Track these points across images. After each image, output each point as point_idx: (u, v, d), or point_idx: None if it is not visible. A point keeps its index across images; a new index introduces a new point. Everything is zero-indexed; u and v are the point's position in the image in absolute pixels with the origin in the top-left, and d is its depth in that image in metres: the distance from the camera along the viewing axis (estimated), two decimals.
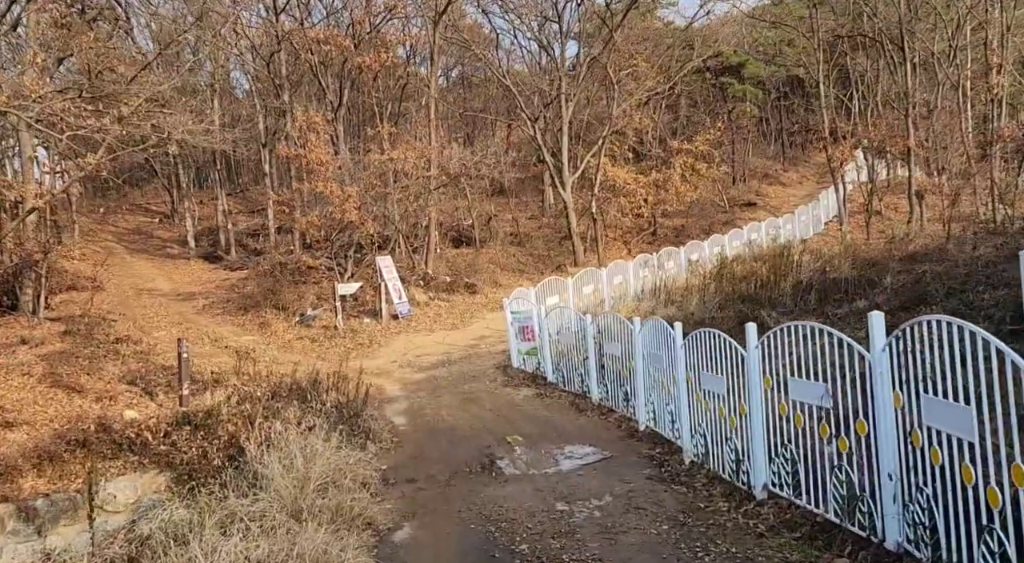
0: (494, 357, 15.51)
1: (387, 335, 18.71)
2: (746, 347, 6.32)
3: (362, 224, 19.92)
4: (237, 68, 42.46)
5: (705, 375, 7.18)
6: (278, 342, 18.60)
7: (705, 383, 7.20)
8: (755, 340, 6.24)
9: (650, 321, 8.83)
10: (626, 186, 28.05)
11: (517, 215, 34.71)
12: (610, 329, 10.38)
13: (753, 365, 6.21)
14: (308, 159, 19.41)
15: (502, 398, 11.99)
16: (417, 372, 14.75)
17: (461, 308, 21.46)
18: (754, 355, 6.21)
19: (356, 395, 11.03)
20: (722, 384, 6.80)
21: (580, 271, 18.39)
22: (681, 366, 7.77)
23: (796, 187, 47.07)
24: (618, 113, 27.94)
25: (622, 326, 9.90)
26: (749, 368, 6.25)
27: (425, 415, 11.23)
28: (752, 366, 6.21)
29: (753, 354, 6.22)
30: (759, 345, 6.18)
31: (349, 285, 19.84)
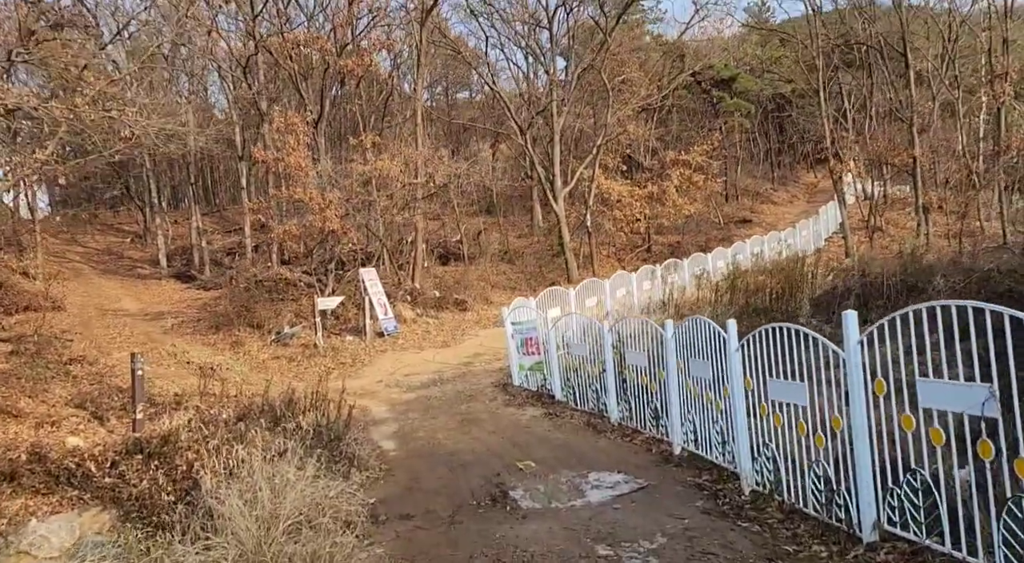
0: (491, 375, 14.02)
1: (372, 353, 17.16)
2: (844, 345, 4.92)
3: (344, 234, 18.47)
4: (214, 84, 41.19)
5: (775, 384, 5.77)
6: (251, 362, 16.99)
7: (775, 393, 5.80)
8: (856, 335, 4.85)
9: (689, 321, 7.43)
10: (621, 199, 26.86)
11: (506, 232, 33.38)
12: (634, 336, 8.98)
13: (855, 367, 4.82)
14: (286, 163, 17.99)
15: (506, 419, 10.50)
16: (406, 392, 13.22)
17: (451, 325, 19.97)
18: (855, 354, 4.82)
19: (337, 416, 9.49)
20: (801, 393, 5.40)
21: (582, 282, 17.03)
22: (737, 375, 6.37)
23: (788, 206, 46.37)
24: (613, 121, 26.83)
25: (649, 332, 8.50)
26: (850, 371, 4.85)
27: (418, 438, 9.71)
28: (854, 368, 4.82)
29: (854, 353, 4.83)
30: (862, 342, 4.80)
31: (330, 300, 18.31)
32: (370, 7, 25.45)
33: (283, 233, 18.29)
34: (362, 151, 21.93)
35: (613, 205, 27.41)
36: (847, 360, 4.81)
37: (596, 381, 9.95)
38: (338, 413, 9.46)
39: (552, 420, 10.17)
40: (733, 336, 6.44)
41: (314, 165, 19.15)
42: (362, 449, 8.63)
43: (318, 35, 24.81)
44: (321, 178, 19.94)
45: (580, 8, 28.97)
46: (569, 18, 28.46)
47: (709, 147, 28.37)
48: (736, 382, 6.38)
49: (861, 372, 4.73)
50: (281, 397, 10.70)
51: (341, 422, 9.47)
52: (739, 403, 6.33)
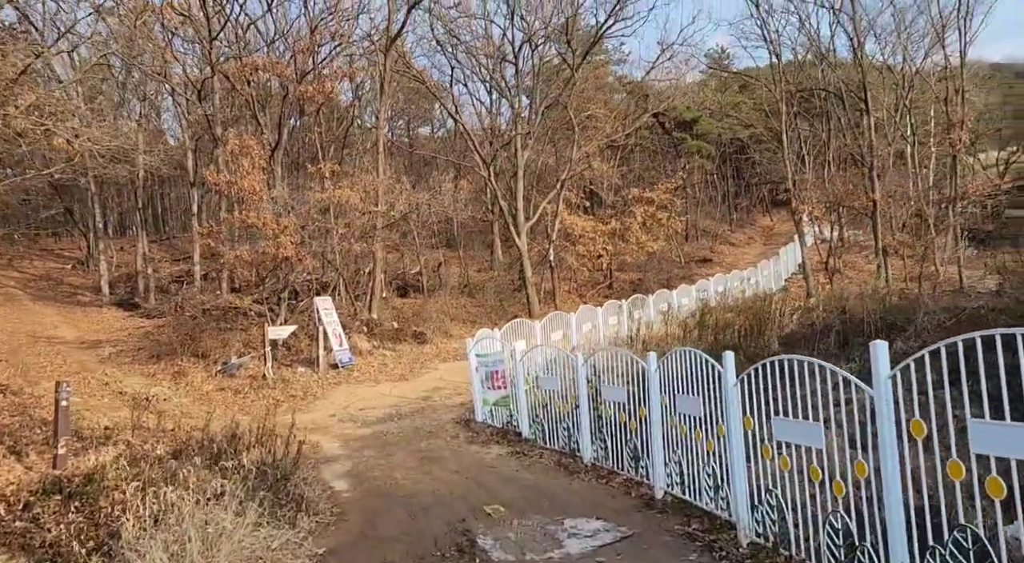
0: (451, 410, 13.24)
1: (325, 386, 16.19)
2: (874, 378, 4.36)
3: (299, 261, 17.60)
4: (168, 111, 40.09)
5: (782, 423, 5.19)
6: (194, 393, 15.87)
7: (781, 434, 5.22)
8: (887, 369, 4.30)
9: (676, 353, 6.86)
10: (584, 234, 26.54)
11: (467, 266, 32.74)
12: (611, 369, 8.37)
13: (885, 405, 4.27)
14: (239, 186, 17.12)
15: (469, 457, 9.73)
16: (361, 427, 12.33)
17: (409, 358, 19.11)
18: (886, 391, 4.26)
19: (285, 453, 8.61)
20: (815, 435, 4.83)
21: (548, 315, 16.44)
22: (735, 412, 5.80)
23: (746, 247, 46.91)
24: (578, 156, 26.64)
25: (630, 364, 7.90)
26: (880, 410, 4.29)
27: (374, 478, 8.86)
28: (884, 406, 4.27)
29: (885, 390, 4.27)
30: (894, 377, 4.26)
31: (281, 329, 17.33)
32: (332, 34, 24.95)
33: (234, 259, 17.33)
34: (320, 179, 21.17)
35: (576, 240, 27.07)
36: (876, 397, 4.26)
37: (568, 417, 9.29)
38: (286, 450, 8.59)
39: (519, 459, 9.45)
40: (731, 370, 5.88)
41: (269, 190, 18.31)
42: (312, 490, 7.76)
43: (277, 61, 24.14)
44: (276, 204, 19.10)
45: (546, 45, 29.01)
46: (534, 55, 28.44)
47: (673, 185, 28.36)
48: (733, 420, 5.79)
49: (892, 411, 4.18)
50: (223, 432, 9.80)
51: (289, 460, 8.60)
52: (736, 444, 5.74)
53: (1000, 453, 3.55)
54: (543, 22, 26.71)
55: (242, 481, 6.69)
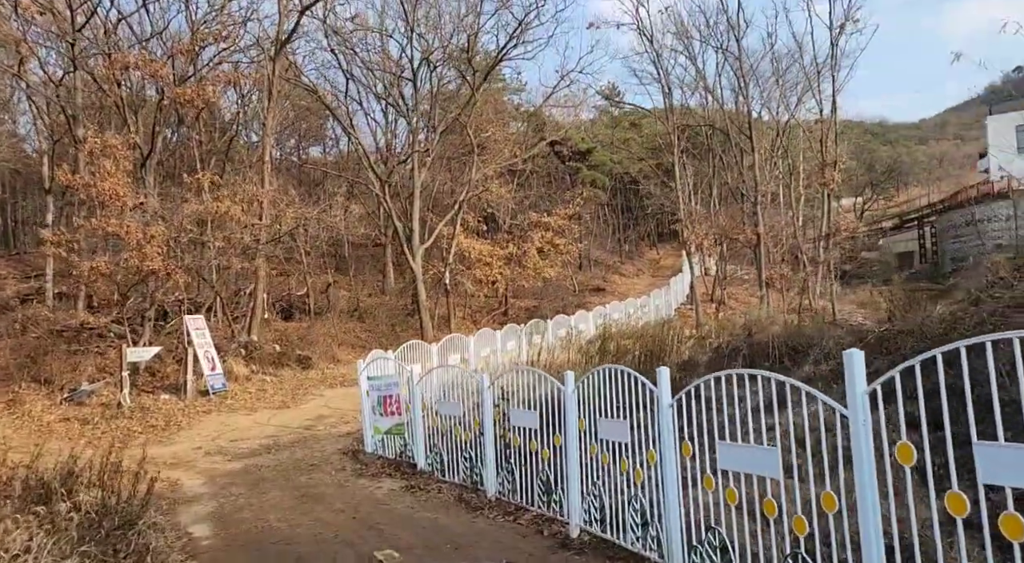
0: (337, 441, 11.97)
1: (192, 415, 14.42)
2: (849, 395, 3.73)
3: (168, 276, 15.81)
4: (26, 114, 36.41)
5: (730, 450, 4.51)
6: (32, 425, 13.72)
7: (728, 462, 4.53)
8: (863, 384, 3.68)
9: (600, 371, 6.12)
10: (481, 258, 25.85)
11: (358, 289, 31.22)
12: (522, 390, 7.54)
13: (861, 426, 3.64)
14: (99, 190, 15.20)
15: (358, 493, 8.57)
16: (231, 460, 10.84)
17: (292, 384, 17.54)
18: (862, 409, 3.64)
19: (132, 494, 7.17)
20: (770, 462, 4.17)
21: (446, 337, 15.48)
22: (668, 436, 5.09)
23: (635, 278, 47.91)
24: (477, 177, 26.00)
25: (543, 385, 7.12)
26: (856, 431, 3.64)
27: (243, 521, 7.55)
28: (861, 427, 3.63)
29: (861, 408, 3.64)
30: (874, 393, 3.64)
31: (143, 350, 15.43)
32: (216, 37, 23.25)
33: (89, 271, 15.29)
34: (198, 191, 19.34)
35: (473, 264, 26.33)
36: (851, 417, 3.63)
37: (471, 447, 8.35)
38: (133, 489, 7.15)
39: (415, 494, 8.39)
40: (665, 388, 5.18)
41: (136, 193, 16.43)
42: (161, 538, 6.41)
43: (153, 60, 22.13)
44: (145, 213, 17.22)
45: (445, 65, 28.39)
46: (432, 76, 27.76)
47: (570, 211, 28.26)
48: (667, 447, 5.08)
49: (869, 432, 3.55)
50: (58, 469, 8.17)
51: (137, 502, 7.16)
52: (670, 473, 5.03)
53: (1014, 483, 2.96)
54: (443, 41, 26.14)
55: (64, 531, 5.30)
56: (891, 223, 54.65)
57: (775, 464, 4.08)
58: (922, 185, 65.26)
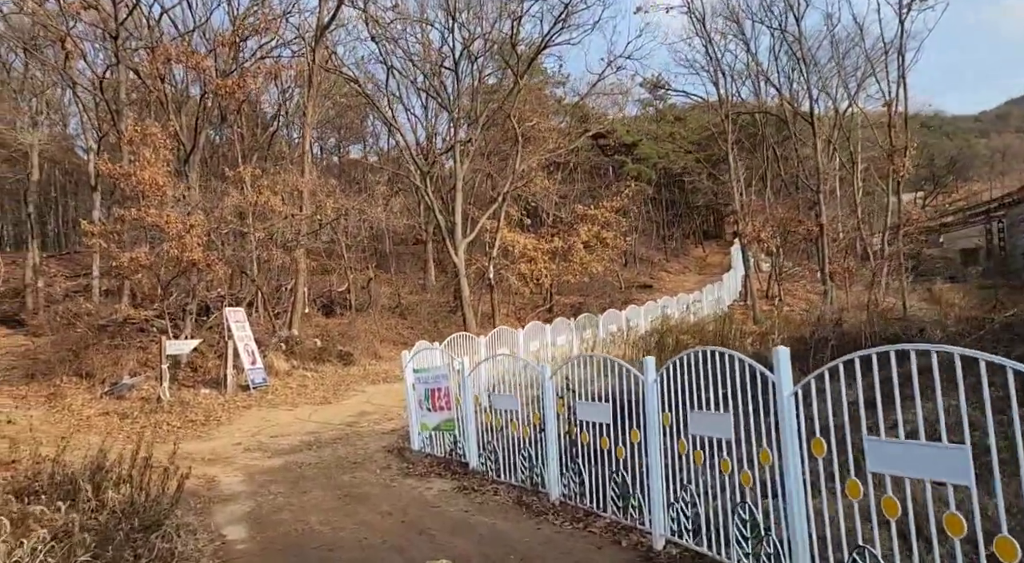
0: (382, 438, 11.26)
1: (232, 410, 13.89)
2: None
3: (208, 267, 15.36)
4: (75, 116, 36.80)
5: (880, 448, 3.58)
6: (73, 418, 13.32)
7: (878, 461, 3.59)
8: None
9: (691, 354, 5.23)
10: (526, 252, 25.03)
11: (399, 286, 30.68)
12: (590, 381, 6.69)
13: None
14: (139, 179, 14.81)
15: (405, 494, 7.81)
16: (271, 457, 10.20)
17: (333, 380, 16.95)
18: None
19: (161, 491, 6.53)
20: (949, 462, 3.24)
21: (494, 330, 14.70)
22: (790, 432, 4.19)
23: (681, 275, 46.56)
24: (521, 168, 25.15)
25: (615, 374, 6.26)
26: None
27: (282, 523, 6.84)
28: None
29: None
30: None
31: (183, 343, 14.99)
32: (257, 29, 22.87)
33: (130, 261, 14.91)
34: (239, 184, 18.94)
35: (517, 259, 25.51)
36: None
37: (530, 444, 7.53)
38: (162, 487, 6.51)
39: (468, 496, 7.60)
40: (785, 374, 4.27)
41: (176, 187, 16.02)
42: (191, 542, 5.74)
43: (194, 52, 21.87)
44: (188, 205, 16.83)
45: (488, 56, 27.66)
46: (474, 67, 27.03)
47: (617, 204, 27.24)
48: (789, 444, 4.17)
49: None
50: (88, 464, 7.59)
51: (167, 500, 6.52)
52: (793, 478, 4.12)
53: None
54: (485, 29, 25.38)
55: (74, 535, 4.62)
56: (953, 218, 52.22)
57: (963, 466, 3.14)
58: (984, 179, 62.42)
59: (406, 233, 40.62)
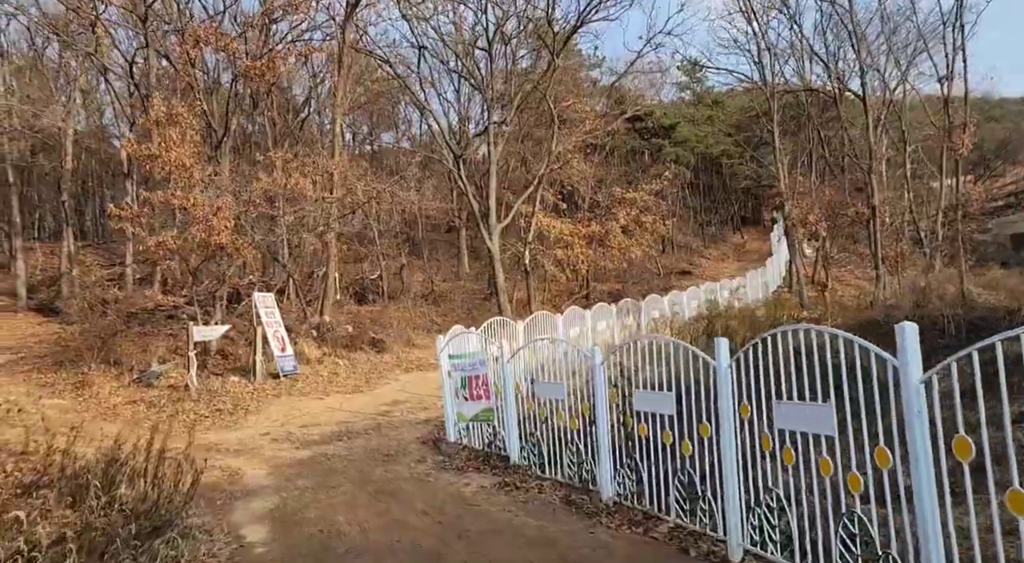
0: (415, 428, 10.63)
1: (260, 399, 13.40)
2: None
3: (237, 251, 14.86)
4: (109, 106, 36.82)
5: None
6: (99, 407, 12.95)
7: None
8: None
9: (777, 334, 4.44)
10: (562, 237, 24.21)
11: (432, 273, 30.13)
12: (648, 367, 5.92)
13: None
14: (165, 160, 14.37)
15: (441, 491, 7.15)
16: (300, 448, 9.63)
17: (366, 368, 16.41)
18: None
19: (175, 486, 5.95)
20: None
21: (532, 315, 13.97)
22: (920, 427, 3.39)
23: (721, 262, 45.28)
24: (557, 150, 24.27)
25: (682, 358, 5.48)
26: None
27: (307, 522, 6.22)
28: None
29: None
30: None
31: (211, 329, 14.55)
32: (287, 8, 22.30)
33: (157, 245, 14.50)
34: (269, 168, 18.43)
35: (553, 244, 24.70)
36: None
37: (579, 437, 6.80)
38: (175, 482, 5.92)
39: (510, 494, 6.91)
40: (913, 356, 3.46)
41: (203, 168, 15.53)
42: (204, 545, 5.14)
43: (223, 33, 21.39)
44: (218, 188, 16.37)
45: (521, 36, 26.78)
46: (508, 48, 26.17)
47: (656, 187, 26.23)
48: (919, 442, 3.37)
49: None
50: (103, 456, 7.07)
51: (181, 495, 5.94)
52: (924, 482, 3.32)
53: None
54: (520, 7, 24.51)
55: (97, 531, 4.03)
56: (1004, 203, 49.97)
57: None
58: None
59: (439, 219, 40.08)
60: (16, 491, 6.48)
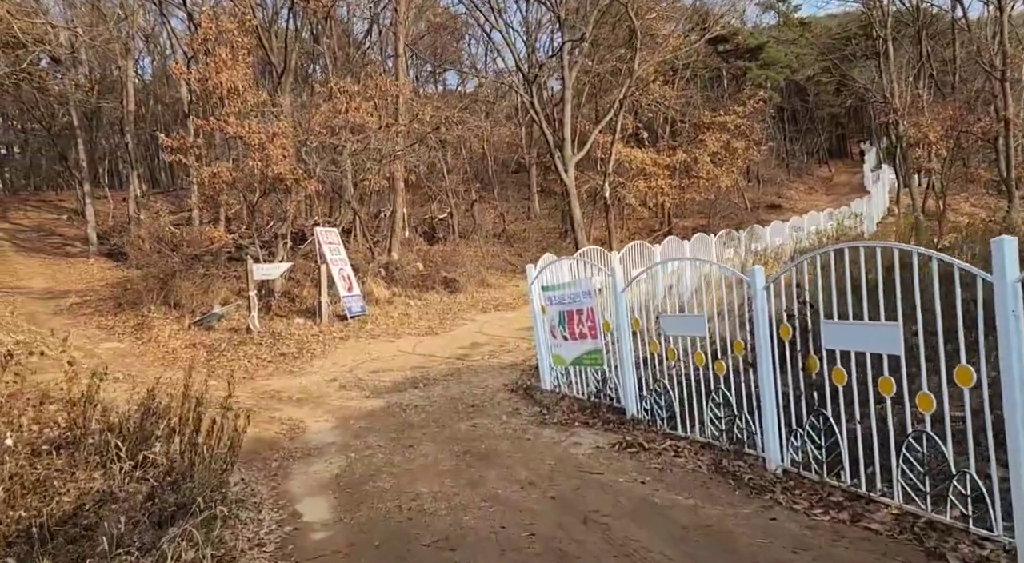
0: (501, 374, 9.18)
1: (327, 342, 12.22)
2: None
3: (296, 183, 13.55)
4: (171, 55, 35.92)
5: None
6: (157, 351, 12.03)
7: None
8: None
9: None
10: (644, 167, 22.11)
11: (503, 211, 28.53)
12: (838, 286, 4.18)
13: None
14: (216, 81, 13.06)
15: (546, 452, 5.65)
16: (370, 397, 8.33)
17: (439, 308, 15.09)
18: None
19: (215, 443, 4.64)
20: None
21: (629, 244, 12.23)
22: None
23: (810, 196, 42.15)
24: (641, 71, 21.91)
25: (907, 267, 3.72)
26: None
27: (380, 495, 4.82)
28: None
29: None
30: None
31: (272, 266, 13.41)
32: None
33: (211, 178, 13.35)
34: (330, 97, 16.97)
35: (635, 175, 22.62)
36: None
37: (727, 386, 5.15)
38: (215, 438, 4.61)
39: (636, 457, 5.34)
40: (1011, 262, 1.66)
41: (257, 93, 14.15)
42: (243, 529, 3.77)
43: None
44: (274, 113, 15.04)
45: None
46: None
47: (749, 109, 23.62)
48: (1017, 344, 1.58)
49: None
50: (139, 407, 5.88)
51: (221, 459, 4.64)
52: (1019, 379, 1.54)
53: None
54: None
55: None
56: None
57: None
58: None
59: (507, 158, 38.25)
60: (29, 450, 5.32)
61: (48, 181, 43.56)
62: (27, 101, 31.00)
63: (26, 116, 35.73)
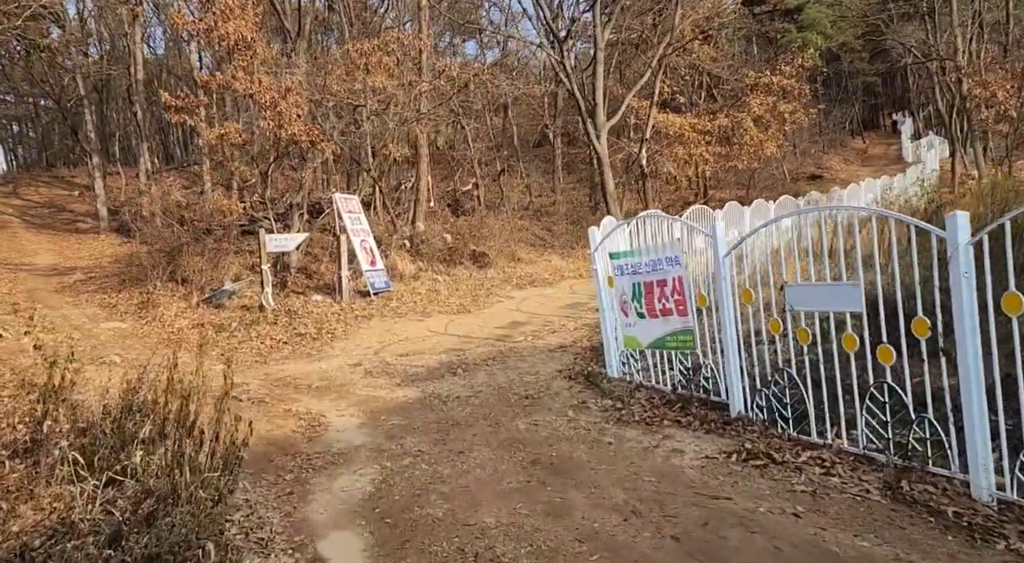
0: (551, 358, 7.86)
1: (348, 321, 10.95)
2: None
3: (312, 145, 12.22)
4: None
5: None
6: (162, 331, 10.82)
7: None
8: None
9: None
10: (682, 132, 20.52)
11: (529, 182, 27.08)
12: None
13: None
14: (222, 32, 11.73)
15: (642, 464, 4.32)
16: (402, 385, 7.05)
17: (470, 284, 13.76)
18: None
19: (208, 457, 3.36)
20: None
21: (688, 209, 10.81)
22: None
23: (848, 167, 40.30)
24: (681, 25, 20.17)
25: None
26: None
27: (431, 528, 3.51)
28: None
29: None
30: None
31: (287, 237, 12.14)
32: None
33: (218, 139, 12.07)
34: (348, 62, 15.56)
35: (672, 142, 21.03)
36: None
37: (895, 378, 3.78)
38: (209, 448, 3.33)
39: (767, 474, 4.00)
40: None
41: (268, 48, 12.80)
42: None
43: None
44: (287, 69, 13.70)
45: None
46: None
47: (796, 67, 21.86)
48: None
49: None
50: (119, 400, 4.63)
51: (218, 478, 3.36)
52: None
53: None
54: None
55: None
56: None
57: None
58: None
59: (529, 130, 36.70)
60: None
61: (61, 157, 42.79)
62: (37, 75, 30.00)
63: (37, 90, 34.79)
